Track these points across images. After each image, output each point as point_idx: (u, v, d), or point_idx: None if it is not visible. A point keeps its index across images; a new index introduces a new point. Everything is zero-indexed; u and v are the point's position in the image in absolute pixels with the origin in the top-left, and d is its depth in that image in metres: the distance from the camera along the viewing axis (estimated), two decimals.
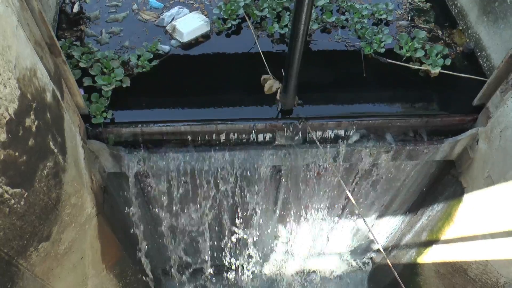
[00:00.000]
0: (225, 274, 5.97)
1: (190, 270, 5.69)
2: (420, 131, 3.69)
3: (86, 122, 3.25)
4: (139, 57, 3.68)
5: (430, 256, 4.56)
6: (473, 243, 3.79)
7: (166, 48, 3.84)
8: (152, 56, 3.72)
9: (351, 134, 3.62)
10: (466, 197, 3.85)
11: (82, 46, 3.68)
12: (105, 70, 3.51)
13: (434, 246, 4.44)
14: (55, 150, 2.54)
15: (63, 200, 2.75)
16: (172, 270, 5.40)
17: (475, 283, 3.89)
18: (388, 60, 3.91)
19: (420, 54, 3.87)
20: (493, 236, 3.52)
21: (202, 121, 3.39)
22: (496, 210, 3.43)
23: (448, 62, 3.84)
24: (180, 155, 3.43)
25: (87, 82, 3.43)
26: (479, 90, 3.54)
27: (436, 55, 3.87)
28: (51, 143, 2.48)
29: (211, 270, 5.61)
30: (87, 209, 3.21)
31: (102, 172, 3.54)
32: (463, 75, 3.77)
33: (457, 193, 3.96)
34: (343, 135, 3.62)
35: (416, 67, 3.85)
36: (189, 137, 3.45)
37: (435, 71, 3.79)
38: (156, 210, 4.21)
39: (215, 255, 5.34)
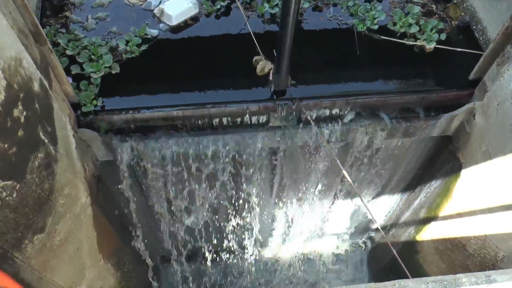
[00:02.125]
0: (224, 259, 5.99)
1: (188, 257, 5.70)
2: (416, 107, 3.69)
3: (76, 110, 3.23)
4: (127, 42, 3.64)
5: (429, 233, 4.58)
6: (472, 218, 3.81)
7: (154, 32, 3.80)
8: (140, 41, 3.68)
9: (346, 113, 3.61)
10: (464, 172, 3.86)
11: (68, 33, 3.64)
12: (93, 57, 3.48)
13: (432, 223, 4.46)
14: (46, 140, 2.52)
15: (56, 191, 2.74)
16: (171, 257, 5.41)
17: (474, 258, 3.92)
18: (382, 37, 3.89)
19: (414, 29, 3.86)
20: (491, 210, 3.53)
21: (194, 105, 3.37)
22: (494, 185, 3.44)
23: (443, 36, 3.82)
24: (173, 140, 3.41)
25: (75, 70, 3.40)
26: (475, 64, 3.53)
27: (431, 30, 3.85)
28: (41, 134, 2.46)
29: (209, 256, 5.64)
30: (81, 199, 3.20)
31: (94, 161, 3.52)
32: (458, 49, 3.75)
33: (455, 168, 3.97)
34: (338, 114, 3.61)
35: (411, 43, 3.83)
36: (182, 122, 3.43)
37: (430, 46, 3.77)
38: (152, 197, 4.20)
39: (213, 240, 5.35)
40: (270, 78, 3.49)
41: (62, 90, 2.99)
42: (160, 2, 3.94)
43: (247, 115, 3.47)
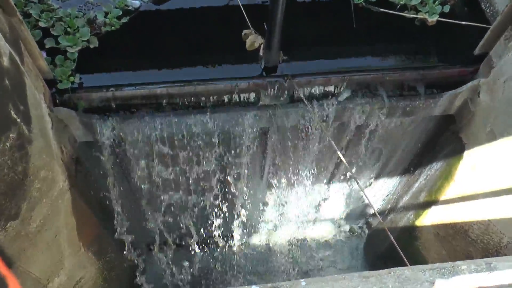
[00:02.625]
0: (212, 246, 6.00)
1: (175, 244, 5.69)
2: (416, 85, 3.67)
3: (52, 88, 3.17)
4: (106, 14, 3.57)
5: (429, 218, 4.60)
6: (475, 202, 3.82)
7: (136, 3, 3.73)
8: (121, 12, 3.61)
9: (341, 90, 3.60)
10: (467, 153, 3.87)
11: (41, 3, 3.54)
12: (69, 29, 3.40)
13: (433, 207, 4.48)
14: (18, 120, 2.47)
15: (31, 174, 2.70)
16: (156, 244, 5.41)
17: (477, 244, 3.93)
18: (381, 9, 3.84)
19: (415, 1, 3.82)
20: (495, 194, 3.54)
21: (180, 82, 3.35)
22: (499, 167, 3.45)
23: (446, 9, 3.78)
24: (157, 120, 3.39)
25: (49, 43, 3.33)
26: (481, 38, 3.51)
27: (434, 1, 3.81)
28: (12, 112, 2.41)
29: (197, 243, 5.63)
30: (59, 183, 3.16)
31: (72, 142, 3.48)
32: (463, 22, 3.70)
33: (457, 150, 3.97)
34: (332, 92, 3.60)
35: (412, 15, 3.80)
36: (166, 101, 3.41)
37: (433, 19, 3.74)
38: (134, 180, 4.18)
39: (201, 226, 5.35)
40: (261, 53, 3.45)
41: (36, 66, 2.93)
42: None
43: (235, 93, 3.46)
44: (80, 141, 3.54)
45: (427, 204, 4.57)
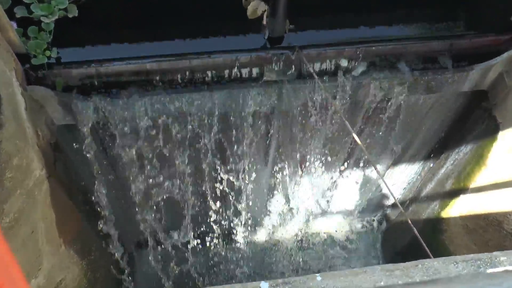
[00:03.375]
0: (210, 243, 5.99)
1: (168, 242, 5.68)
2: (443, 56, 3.65)
3: (25, 63, 3.12)
4: None
5: (457, 208, 4.58)
6: (511, 190, 3.79)
7: None
8: None
9: (356, 64, 3.59)
10: (502, 134, 3.84)
11: None
12: None
13: (461, 196, 4.46)
14: None
15: (2, 162, 2.67)
16: (147, 242, 5.39)
17: None
18: None
19: None
20: None
21: (172, 56, 3.33)
22: None
23: None
24: (147, 99, 3.37)
25: (20, 12, 3.24)
26: None
27: None
28: None
29: (192, 240, 5.62)
30: (35, 171, 3.14)
31: (50, 125, 3.45)
32: None
33: (490, 130, 3.95)
34: (346, 66, 3.59)
35: None
36: (157, 77, 3.39)
37: None
38: (122, 168, 4.17)
39: (196, 221, 5.35)
40: (264, 22, 3.42)
41: (4, 38, 2.87)
42: None
43: (236, 68, 3.44)
44: (58, 124, 3.51)
45: (454, 193, 4.55)
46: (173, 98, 3.41)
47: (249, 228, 5.83)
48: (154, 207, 4.69)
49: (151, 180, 4.31)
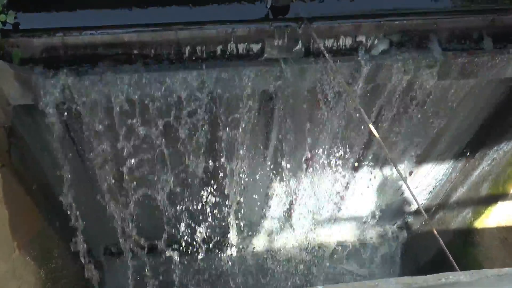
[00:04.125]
0: (196, 252, 5.99)
1: (145, 248, 5.69)
2: (481, 35, 3.65)
3: None
4: None
5: (494, 218, 4.60)
6: None
7: None
8: None
9: (376, 41, 3.59)
10: None
11: None
12: None
13: (500, 203, 4.48)
14: None
15: None
16: (120, 248, 5.40)
17: None
18: None
19: None
20: None
21: (155, 27, 3.32)
22: None
23: None
24: (124, 77, 3.36)
25: None
26: None
27: None
28: None
29: (176, 247, 5.64)
30: None
31: (4, 105, 3.45)
32: None
33: None
34: (364, 44, 3.59)
35: None
36: (137, 51, 3.38)
37: None
38: (92, 158, 4.16)
39: (181, 225, 5.35)
40: None
41: None
42: None
43: (232, 43, 3.44)
44: (15, 104, 3.50)
45: (491, 199, 4.57)
46: (155, 77, 3.39)
47: (241, 235, 5.85)
48: (130, 206, 4.70)
49: (126, 174, 4.30)
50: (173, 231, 5.30)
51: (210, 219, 5.32)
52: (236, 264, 6.23)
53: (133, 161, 4.19)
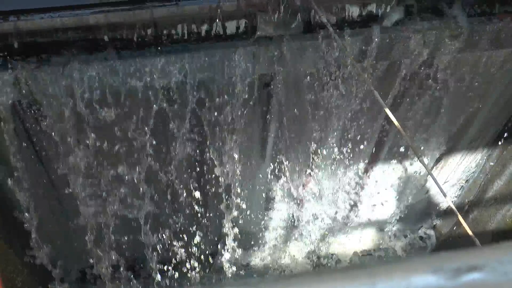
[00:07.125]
0: (182, 270, 6.02)
1: (125, 270, 5.72)
2: None
3: None
4: None
5: None
6: None
7: None
8: None
9: (388, 10, 3.62)
10: None
11: None
12: None
13: None
14: None
15: None
16: (95, 271, 5.42)
17: None
18: None
19: None
20: None
21: (126, 5, 3.32)
22: None
23: None
24: (92, 67, 3.38)
25: None
26: None
27: None
28: None
29: (158, 267, 5.66)
30: None
31: None
32: None
33: None
34: (375, 13, 3.62)
35: None
36: (106, 35, 3.38)
37: None
38: (55, 164, 4.18)
39: (164, 240, 5.38)
40: None
41: None
42: None
43: (218, 20, 3.45)
44: None
45: None
46: (129, 64, 3.40)
47: (238, 250, 5.86)
48: (104, 222, 4.72)
49: (98, 183, 4.32)
50: (156, 247, 5.32)
51: (199, 231, 5.34)
52: (229, 283, 6.23)
53: (105, 166, 4.22)
